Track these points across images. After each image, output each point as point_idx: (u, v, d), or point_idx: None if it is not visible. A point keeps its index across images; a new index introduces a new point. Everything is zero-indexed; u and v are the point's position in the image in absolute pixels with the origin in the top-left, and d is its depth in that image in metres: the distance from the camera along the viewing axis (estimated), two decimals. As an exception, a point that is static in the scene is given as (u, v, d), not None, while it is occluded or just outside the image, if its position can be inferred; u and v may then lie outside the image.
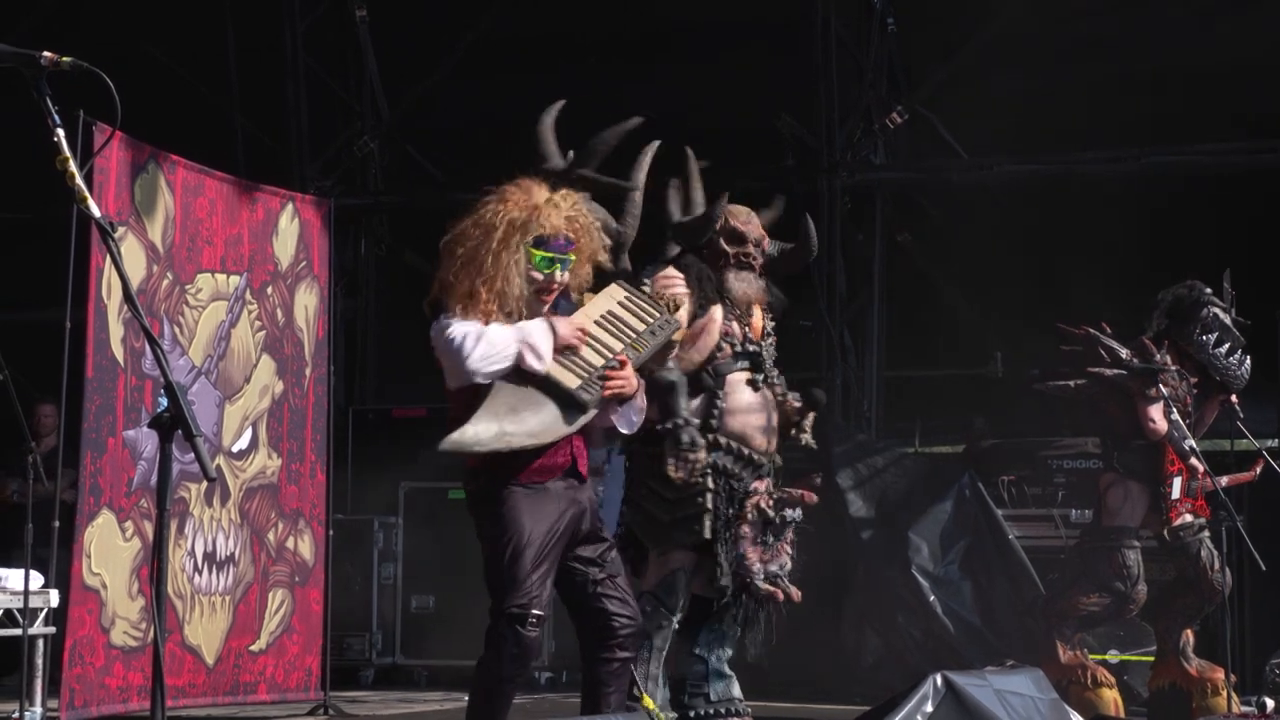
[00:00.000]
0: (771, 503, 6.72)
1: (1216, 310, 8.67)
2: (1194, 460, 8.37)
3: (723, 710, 6.77)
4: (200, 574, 8.72)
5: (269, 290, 9.25)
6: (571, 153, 6.42)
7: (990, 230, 12.61)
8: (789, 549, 6.87)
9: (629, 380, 5.59)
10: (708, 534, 6.59)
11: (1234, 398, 8.74)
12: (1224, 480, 8.78)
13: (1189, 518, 8.58)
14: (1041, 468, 11.00)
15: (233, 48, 13.55)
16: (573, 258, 5.61)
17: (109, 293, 8.10)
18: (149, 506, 8.09)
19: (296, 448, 9.38)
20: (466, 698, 5.83)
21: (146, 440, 8.16)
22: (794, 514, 6.83)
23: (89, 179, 7.86)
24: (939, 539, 10.52)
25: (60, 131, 3.74)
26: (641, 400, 5.74)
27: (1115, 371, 8.49)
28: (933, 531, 10.53)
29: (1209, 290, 8.70)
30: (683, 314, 6.34)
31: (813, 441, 6.91)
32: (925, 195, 13.32)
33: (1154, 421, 8.46)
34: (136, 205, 8.38)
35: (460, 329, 5.43)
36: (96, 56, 3.91)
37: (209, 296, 8.86)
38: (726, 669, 6.85)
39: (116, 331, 8.18)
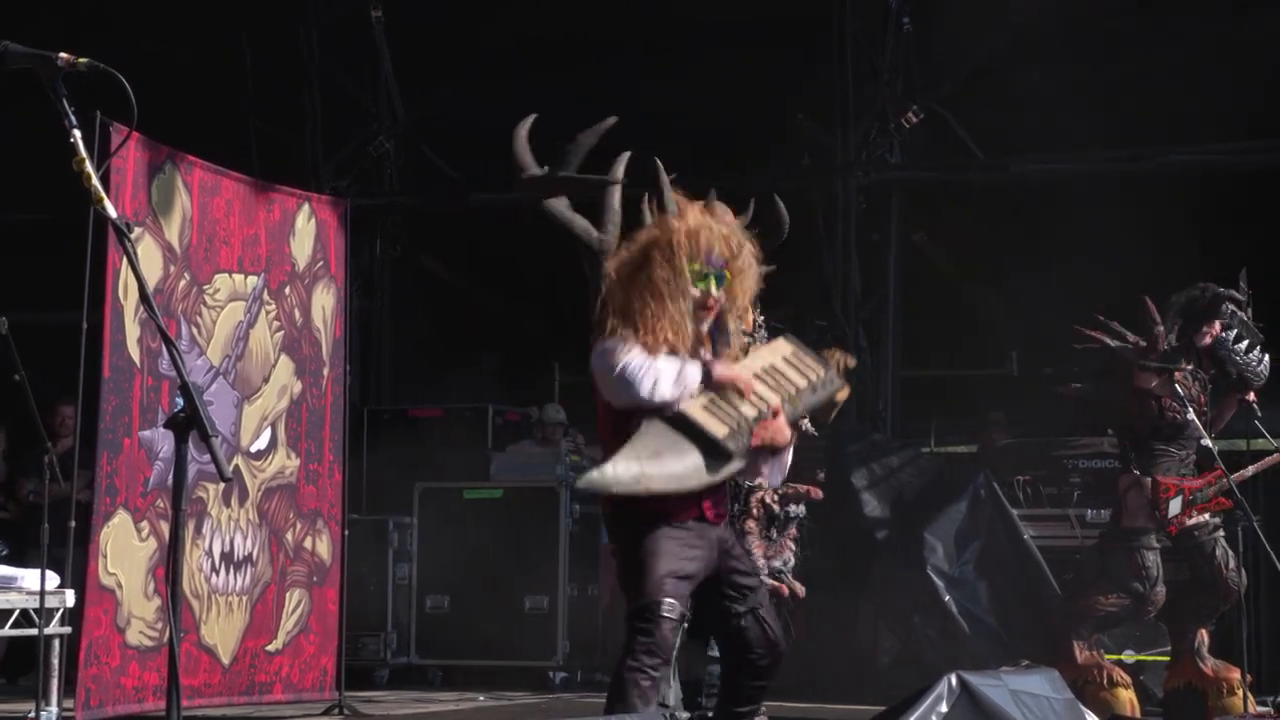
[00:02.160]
0: (776, 498, 6.72)
1: (1234, 307, 8.67)
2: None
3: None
4: (217, 574, 8.74)
5: (286, 290, 9.26)
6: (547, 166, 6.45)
7: (1007, 229, 12.61)
8: (792, 545, 6.87)
9: (781, 432, 5.54)
10: None
11: (1252, 395, 8.73)
12: (1249, 470, 8.81)
13: (1205, 517, 8.57)
14: (1057, 467, 10.99)
15: (249, 49, 13.57)
16: (728, 275, 5.62)
17: (125, 293, 8.12)
18: (165, 507, 8.10)
19: (314, 448, 9.39)
20: (481, 697, 5.80)
21: (163, 440, 8.17)
22: (798, 510, 6.83)
23: (105, 180, 7.87)
24: (954, 539, 10.51)
25: (77, 132, 3.75)
26: (788, 455, 5.69)
27: (1119, 344, 8.49)
28: (948, 531, 10.52)
29: (1226, 290, 8.69)
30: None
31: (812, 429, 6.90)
32: (941, 195, 13.31)
33: (1137, 382, 8.46)
34: (153, 206, 8.40)
35: (627, 355, 5.38)
36: (113, 57, 3.92)
37: (227, 297, 8.87)
38: None
39: (133, 332, 8.20)
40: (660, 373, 5.38)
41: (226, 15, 13.46)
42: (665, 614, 5.38)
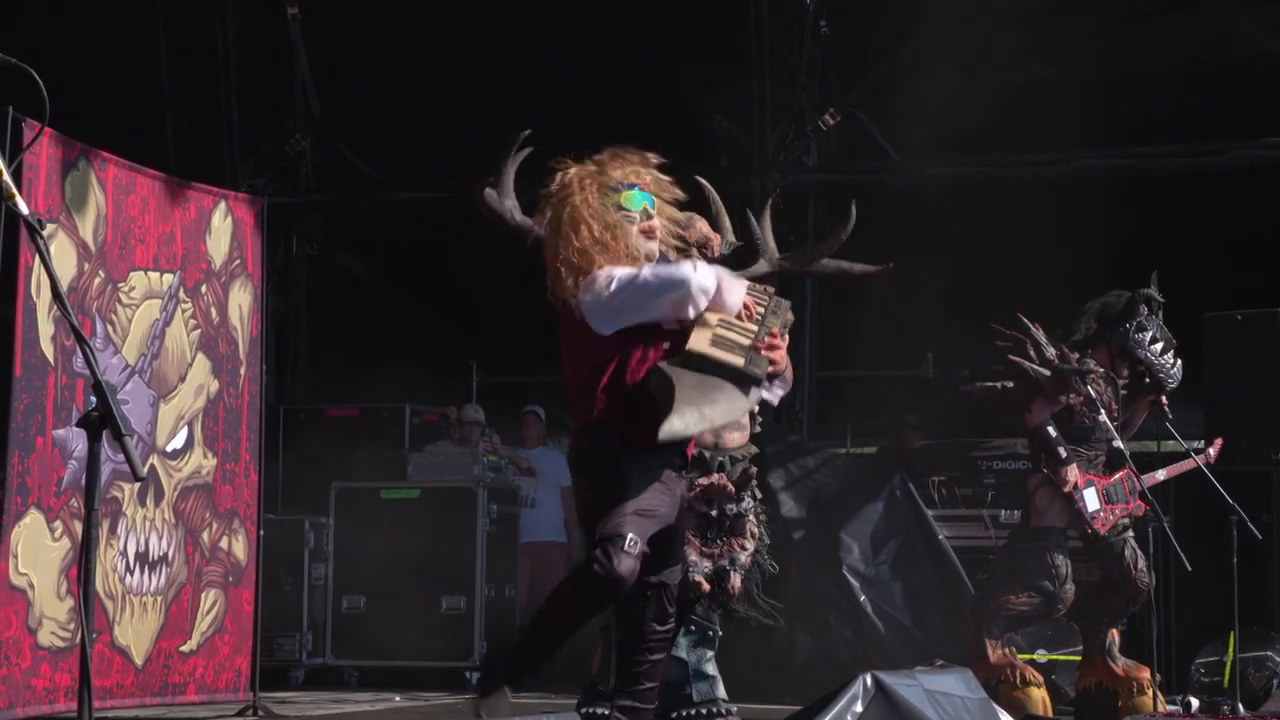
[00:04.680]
0: (700, 497, 6.71)
1: (1149, 310, 8.76)
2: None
3: (704, 711, 6.76)
4: (132, 574, 8.67)
5: (203, 289, 9.20)
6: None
7: (922, 232, 12.69)
8: (745, 542, 6.85)
9: (783, 350, 5.70)
10: None
11: (1164, 399, 8.82)
12: (1171, 471, 8.92)
13: (1125, 519, 8.66)
14: (971, 468, 11.08)
15: (164, 45, 13.47)
16: (654, 198, 5.69)
17: (38, 291, 8.04)
18: (79, 506, 8.03)
19: (231, 447, 9.34)
20: (397, 698, 5.78)
21: (77, 439, 8.10)
22: (735, 507, 6.82)
23: (18, 176, 7.80)
24: (870, 539, 10.57)
25: (-12, 128, 3.72)
26: (790, 372, 5.83)
27: (1036, 368, 8.57)
28: (864, 532, 10.58)
29: (1142, 291, 8.79)
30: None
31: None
32: (857, 197, 13.36)
33: (1031, 413, 8.57)
34: (67, 203, 8.32)
35: (636, 269, 5.49)
36: (26, 52, 3.89)
37: (142, 295, 8.81)
38: (710, 669, 6.84)
39: (46, 330, 8.12)
40: (691, 268, 5.46)
41: (142, 11, 13.36)
42: (628, 549, 5.39)
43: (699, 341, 5.56)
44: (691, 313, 5.52)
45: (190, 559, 9.04)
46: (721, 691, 6.86)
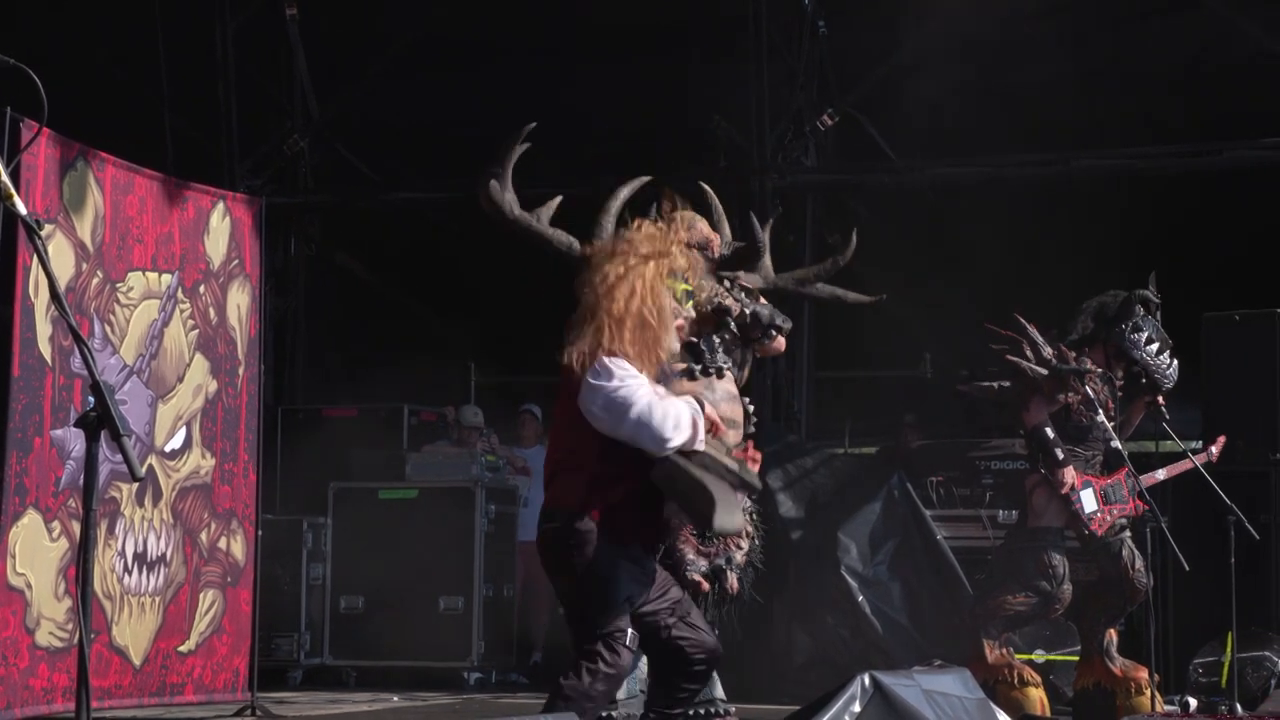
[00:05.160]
0: None
1: (1145, 311, 8.76)
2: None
3: (702, 711, 6.76)
4: (130, 574, 8.67)
5: (201, 289, 9.21)
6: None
7: (921, 232, 12.70)
8: (740, 541, 6.86)
9: (759, 460, 5.84)
10: None
11: (1160, 399, 8.83)
12: (1172, 469, 8.92)
13: (1123, 520, 8.66)
14: (969, 468, 11.08)
15: (163, 46, 13.47)
16: (692, 289, 5.71)
17: (36, 291, 8.04)
18: (77, 506, 8.03)
19: (230, 447, 9.34)
20: (395, 698, 5.80)
21: (75, 440, 8.10)
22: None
23: (16, 176, 7.81)
24: (868, 539, 10.57)
25: (-14, 128, 3.72)
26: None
27: (1034, 367, 8.57)
28: (862, 532, 10.58)
29: (1139, 292, 8.79)
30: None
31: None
32: (856, 197, 13.38)
33: (1029, 412, 8.57)
34: (65, 203, 8.32)
35: (644, 395, 5.41)
36: (24, 53, 3.89)
37: (140, 295, 8.81)
38: None
39: (44, 330, 8.12)
40: (679, 418, 5.43)
41: (140, 11, 13.35)
42: (629, 644, 5.44)
43: (707, 441, 5.59)
44: (657, 453, 5.46)
45: (188, 559, 9.04)
46: (720, 691, 6.87)
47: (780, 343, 6.99)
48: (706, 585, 6.73)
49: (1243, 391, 10.31)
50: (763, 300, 7.09)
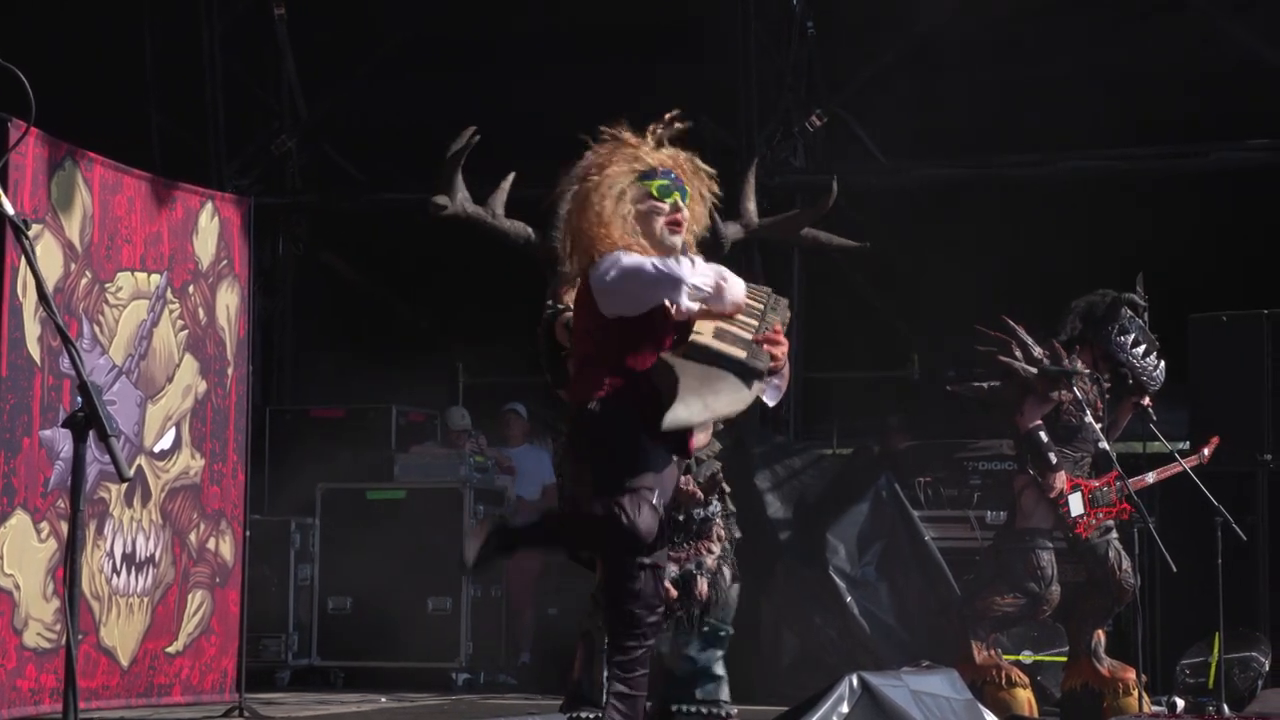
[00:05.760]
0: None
1: (1132, 312, 8.78)
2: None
3: (704, 711, 6.74)
4: (119, 575, 8.66)
5: (190, 289, 9.20)
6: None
7: (908, 233, 12.70)
8: (712, 546, 6.82)
9: (786, 345, 5.74)
10: None
11: (1147, 400, 8.85)
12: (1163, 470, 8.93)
13: (1110, 522, 8.67)
14: (957, 469, 11.09)
15: (150, 45, 13.46)
16: (688, 189, 5.69)
17: (24, 291, 8.03)
18: (66, 507, 8.01)
19: (219, 448, 9.33)
20: (383, 699, 5.79)
21: (64, 440, 8.08)
22: (703, 511, 6.80)
23: (4, 176, 7.80)
24: (856, 540, 10.58)
25: (-27, 128, 3.72)
26: (788, 370, 5.87)
27: (1025, 367, 8.58)
28: (850, 533, 10.58)
29: (1125, 294, 8.81)
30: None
31: None
32: (844, 198, 13.38)
33: (1023, 415, 8.58)
34: (53, 203, 8.31)
35: (645, 258, 5.48)
36: (11, 52, 3.89)
37: (129, 295, 8.80)
38: (718, 670, 6.80)
39: (33, 330, 8.11)
40: (695, 264, 5.48)
41: (128, 11, 13.34)
42: (655, 504, 5.43)
43: (702, 334, 5.61)
44: (685, 309, 5.52)
45: (177, 560, 9.03)
46: (726, 694, 6.83)
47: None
48: (675, 592, 6.66)
49: (1230, 393, 10.33)
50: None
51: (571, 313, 6.14)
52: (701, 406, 5.50)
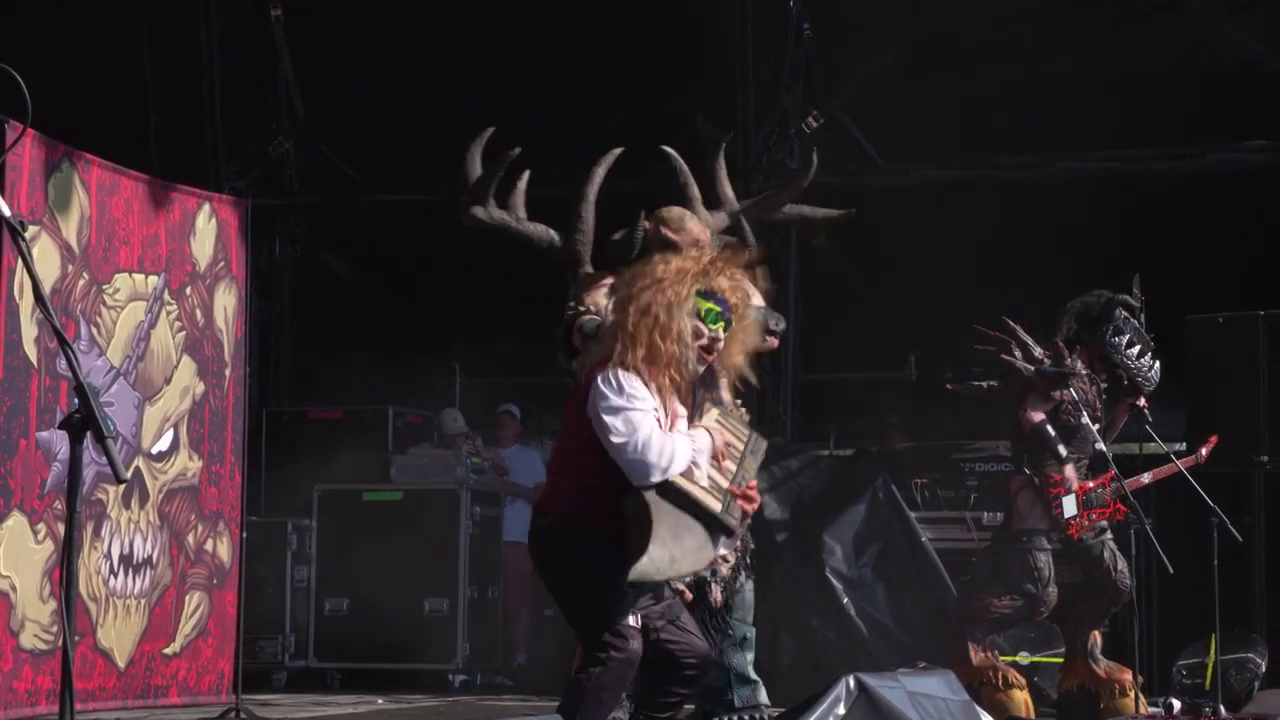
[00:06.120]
0: None
1: (1127, 313, 8.79)
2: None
3: (745, 717, 6.73)
4: (116, 576, 8.67)
5: (188, 291, 9.20)
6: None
7: (906, 235, 12.71)
8: (729, 555, 6.79)
9: (757, 503, 5.76)
10: None
11: (1143, 401, 8.86)
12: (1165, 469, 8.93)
13: (1103, 523, 8.68)
14: (954, 470, 11.10)
15: (148, 46, 13.46)
16: (734, 323, 5.65)
17: (21, 293, 8.04)
18: (63, 508, 8.02)
19: (217, 449, 9.33)
20: (380, 700, 5.80)
21: (61, 442, 8.09)
22: None
23: (0, 177, 7.80)
24: (853, 541, 10.58)
25: (-30, 130, 3.72)
26: (746, 522, 5.84)
27: (1025, 365, 8.59)
28: (847, 534, 10.59)
29: (1120, 296, 8.82)
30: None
31: None
32: (841, 199, 13.38)
33: (1027, 411, 8.58)
34: (50, 204, 8.31)
35: (646, 426, 5.44)
36: (8, 53, 3.89)
37: (127, 297, 8.80)
38: (751, 674, 6.82)
39: (29, 332, 8.11)
40: (674, 456, 5.44)
41: (125, 12, 13.34)
42: (636, 628, 5.49)
43: (683, 475, 5.53)
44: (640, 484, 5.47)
45: (175, 561, 9.03)
46: (764, 697, 6.83)
47: (773, 342, 6.91)
48: (690, 595, 6.64)
49: (1226, 394, 10.34)
50: (757, 298, 6.99)
51: (587, 315, 6.14)
52: (668, 561, 5.42)
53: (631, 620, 5.49)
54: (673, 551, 5.42)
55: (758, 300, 6.74)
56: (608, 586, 5.49)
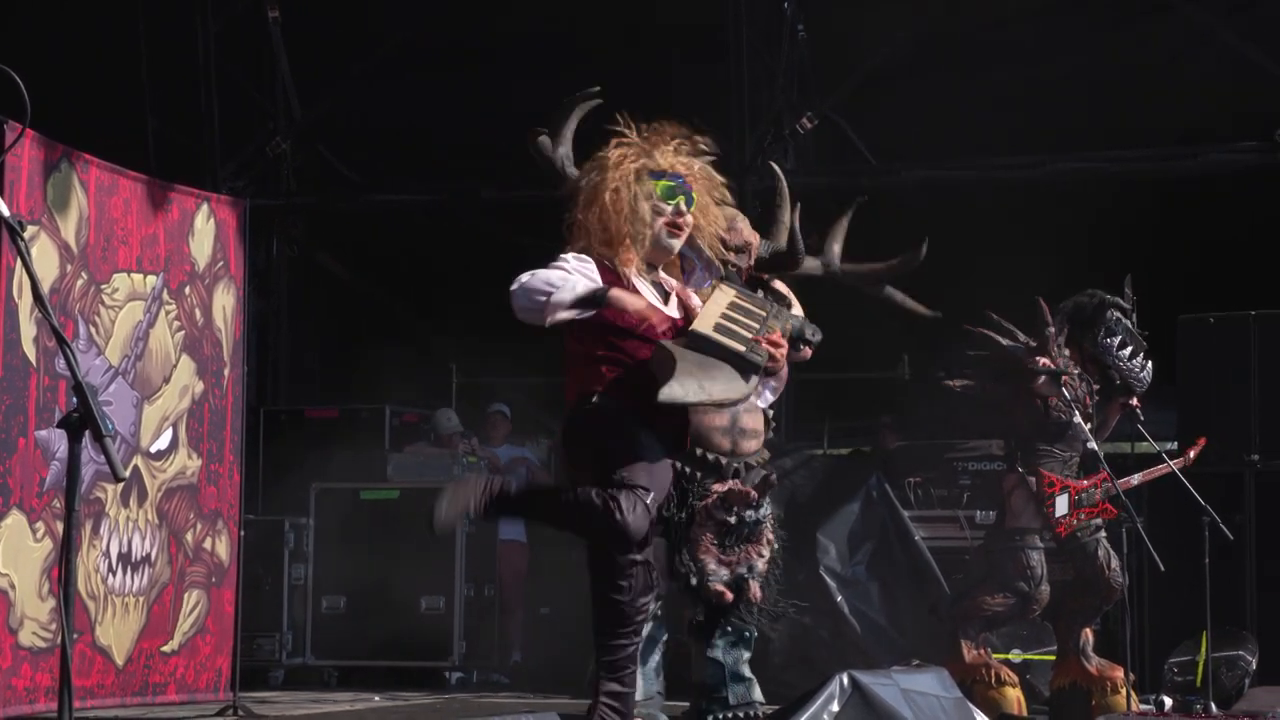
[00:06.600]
0: (719, 504, 6.63)
1: (1119, 314, 8.83)
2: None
3: (741, 715, 6.74)
4: (114, 575, 8.70)
5: (187, 290, 9.24)
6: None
7: (899, 235, 12.72)
8: (762, 550, 6.79)
9: (786, 347, 5.79)
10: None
11: (1135, 400, 8.90)
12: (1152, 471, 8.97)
13: (1093, 522, 8.72)
14: (947, 469, 11.14)
15: (145, 47, 13.49)
16: (695, 195, 5.72)
17: (20, 292, 8.07)
18: (62, 507, 8.06)
19: (216, 448, 9.37)
20: (377, 698, 5.84)
21: (59, 440, 8.12)
22: (754, 514, 6.75)
23: None
24: (846, 540, 10.61)
25: (-30, 132, 3.76)
26: (785, 373, 5.97)
27: (1010, 343, 8.64)
28: (840, 532, 10.62)
29: (1112, 297, 8.86)
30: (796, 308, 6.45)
31: None
32: (834, 200, 13.42)
33: (1039, 386, 8.60)
34: (49, 204, 8.35)
35: (540, 271, 5.56)
36: (7, 54, 3.93)
37: (125, 296, 8.84)
38: (746, 671, 6.80)
39: (28, 331, 8.15)
40: (554, 279, 5.52)
41: (123, 12, 13.37)
42: (646, 501, 5.50)
43: (703, 324, 5.65)
44: (548, 323, 5.55)
45: (173, 559, 9.07)
46: (758, 694, 6.83)
47: (806, 353, 6.88)
48: (730, 595, 6.63)
49: (1217, 393, 10.39)
50: (796, 308, 6.96)
51: None
52: (697, 387, 5.51)
53: (648, 493, 5.49)
54: (701, 381, 5.52)
55: (797, 309, 6.77)
56: (631, 448, 5.53)
